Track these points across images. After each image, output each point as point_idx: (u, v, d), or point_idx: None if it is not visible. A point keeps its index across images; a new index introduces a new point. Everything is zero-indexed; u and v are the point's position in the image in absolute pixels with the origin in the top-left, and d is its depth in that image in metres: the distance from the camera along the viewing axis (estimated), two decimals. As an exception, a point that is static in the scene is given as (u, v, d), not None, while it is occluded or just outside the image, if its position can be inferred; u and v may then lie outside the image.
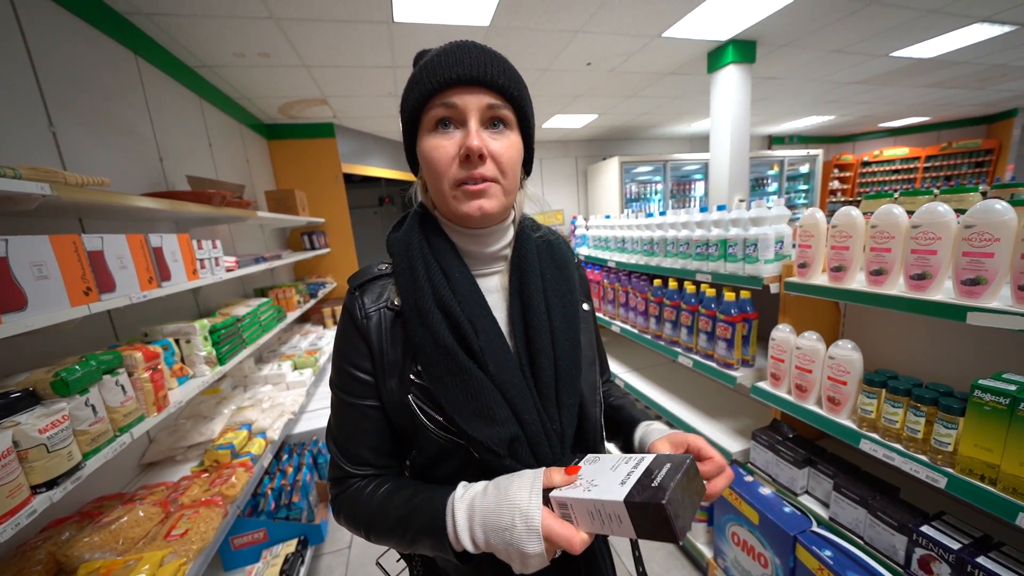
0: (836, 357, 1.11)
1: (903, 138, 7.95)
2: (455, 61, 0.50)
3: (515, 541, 0.43)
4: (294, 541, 1.65)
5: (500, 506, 0.45)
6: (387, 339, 0.57)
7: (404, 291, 0.56)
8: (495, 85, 0.52)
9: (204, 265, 1.67)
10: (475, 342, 0.53)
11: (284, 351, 2.91)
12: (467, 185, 0.52)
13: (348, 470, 0.58)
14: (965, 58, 3.94)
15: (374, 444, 0.59)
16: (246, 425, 1.80)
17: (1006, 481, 0.81)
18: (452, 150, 0.51)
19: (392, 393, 0.56)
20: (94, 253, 1.08)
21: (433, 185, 0.55)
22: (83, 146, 1.63)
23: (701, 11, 2.63)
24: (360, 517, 0.56)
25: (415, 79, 0.54)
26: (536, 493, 0.45)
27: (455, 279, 0.56)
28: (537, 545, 0.43)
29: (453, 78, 0.50)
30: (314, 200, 4.16)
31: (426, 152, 0.53)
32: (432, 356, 0.53)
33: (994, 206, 0.84)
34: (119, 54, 1.96)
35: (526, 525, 0.43)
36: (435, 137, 0.52)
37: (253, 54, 2.62)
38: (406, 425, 0.58)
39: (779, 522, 1.19)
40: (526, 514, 0.43)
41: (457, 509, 0.47)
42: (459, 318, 0.54)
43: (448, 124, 0.52)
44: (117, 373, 1.09)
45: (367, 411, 0.58)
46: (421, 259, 0.56)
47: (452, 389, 0.52)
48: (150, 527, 1.17)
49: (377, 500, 0.55)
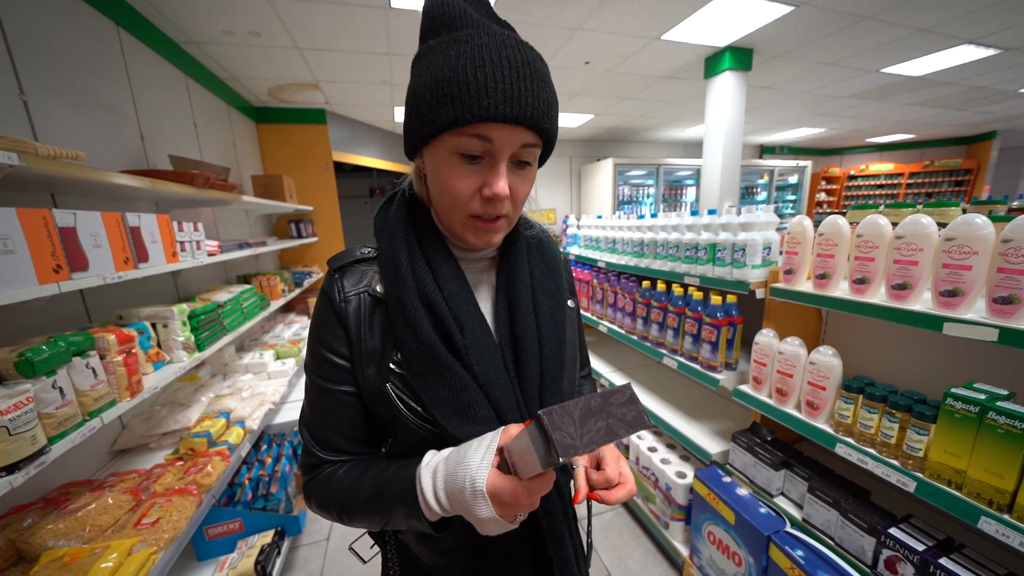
0: (817, 363, 1.13)
1: (888, 154, 8.18)
2: (502, 92, 0.43)
3: (467, 504, 0.43)
4: (271, 532, 1.62)
5: (456, 470, 0.44)
6: (366, 325, 0.55)
7: (387, 282, 0.54)
8: (537, 127, 0.46)
9: (185, 248, 1.62)
10: (459, 340, 0.52)
11: (267, 340, 2.85)
12: (481, 221, 0.50)
13: (321, 456, 0.57)
14: (950, 79, 4.06)
15: (348, 431, 0.57)
16: (224, 414, 1.75)
17: (971, 486, 0.83)
18: (475, 185, 0.48)
19: (370, 381, 0.55)
20: (66, 229, 1.03)
21: (444, 208, 0.52)
22: (58, 118, 1.55)
23: (701, 15, 2.65)
24: (333, 498, 0.54)
25: (447, 85, 0.43)
26: (489, 453, 0.44)
27: (443, 273, 0.54)
28: (485, 508, 0.42)
29: (495, 114, 0.43)
30: (303, 187, 4.07)
31: (443, 178, 0.48)
32: (414, 352, 0.52)
33: (974, 220, 0.86)
34: (99, 24, 1.87)
35: (472, 487, 0.42)
36: (458, 166, 0.47)
37: (243, 32, 2.54)
38: (383, 413, 0.56)
39: (754, 522, 1.22)
40: (473, 477, 0.42)
41: (423, 475, 0.48)
42: (444, 315, 0.52)
43: (476, 157, 0.47)
44: (88, 355, 1.05)
45: (342, 397, 0.56)
46: (406, 250, 0.54)
47: (433, 386, 0.51)
48: (119, 515, 1.13)
49: (349, 479, 0.54)
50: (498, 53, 0.44)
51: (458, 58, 0.44)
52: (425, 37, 0.50)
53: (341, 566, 1.78)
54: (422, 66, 0.47)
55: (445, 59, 0.44)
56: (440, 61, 0.45)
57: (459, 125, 0.44)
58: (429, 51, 0.47)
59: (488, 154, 0.47)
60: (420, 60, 0.48)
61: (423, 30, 0.50)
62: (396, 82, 3.57)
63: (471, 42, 0.45)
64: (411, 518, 0.48)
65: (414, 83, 0.48)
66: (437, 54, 0.46)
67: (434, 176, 0.51)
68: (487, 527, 0.43)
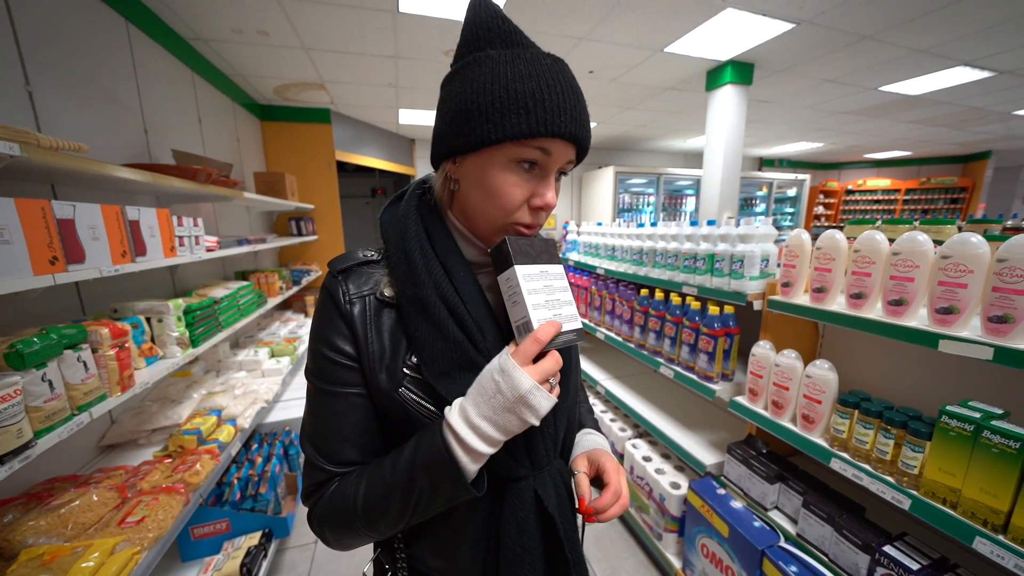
0: (813, 376, 1.13)
1: (886, 170, 8.27)
2: (570, 113, 0.47)
3: (507, 392, 0.44)
4: (258, 534, 1.60)
5: (480, 382, 0.46)
6: (372, 327, 0.53)
7: (401, 282, 0.53)
8: (582, 147, 0.51)
9: (183, 243, 1.61)
10: (481, 343, 0.52)
11: (262, 337, 2.83)
12: (523, 227, 0.52)
13: (329, 470, 0.52)
14: (947, 98, 4.13)
15: (358, 439, 0.54)
16: (216, 411, 1.74)
17: (966, 505, 0.83)
18: (526, 193, 0.50)
19: (380, 385, 0.53)
20: (64, 221, 1.02)
21: (485, 211, 0.52)
22: (62, 109, 1.55)
23: (704, 29, 2.68)
24: (350, 504, 0.50)
25: (522, 97, 0.46)
26: (505, 353, 0.47)
27: (459, 278, 0.53)
28: (524, 378, 0.44)
29: (564, 132, 0.47)
30: (305, 185, 4.08)
31: (498, 185, 0.49)
32: (439, 351, 0.50)
33: (970, 239, 0.87)
34: (108, 17, 1.88)
35: (503, 372, 0.44)
36: (515, 174, 0.49)
37: (252, 31, 2.56)
38: (395, 419, 0.54)
39: (748, 536, 1.21)
40: (500, 367, 0.45)
41: (451, 416, 0.47)
42: (465, 317, 0.51)
43: (532, 166, 0.49)
44: (80, 348, 1.04)
45: (352, 399, 0.53)
46: (419, 251, 0.53)
47: (462, 383, 0.50)
48: (104, 512, 1.11)
49: (364, 477, 0.51)
50: (562, 77, 0.48)
51: (529, 74, 0.46)
52: (477, 45, 0.51)
53: (330, 569, 1.76)
54: (481, 72, 0.48)
55: (515, 72, 0.46)
56: (510, 73, 0.46)
57: (532, 137, 0.46)
58: (489, 60, 0.48)
59: (542, 167, 0.50)
60: (478, 66, 0.48)
61: (473, 37, 0.51)
62: (401, 84, 3.59)
63: (538, 63, 0.48)
64: (445, 481, 0.46)
65: (471, 87, 0.48)
66: (502, 65, 0.47)
67: (481, 181, 0.50)
68: (534, 403, 0.44)
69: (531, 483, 0.55)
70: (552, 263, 0.49)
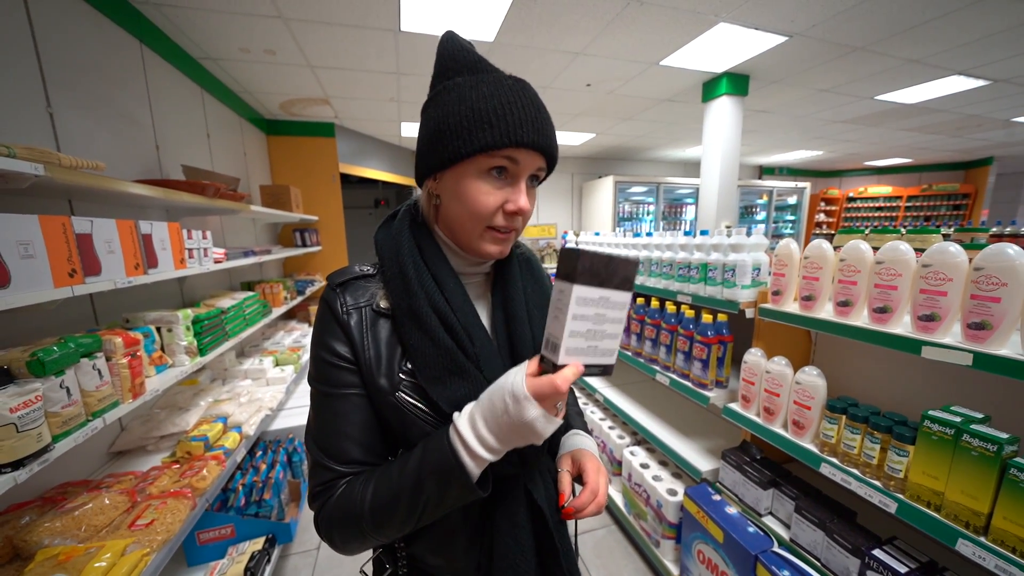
0: (802, 382, 1.16)
1: (887, 177, 8.28)
2: (531, 124, 0.52)
3: (515, 416, 0.46)
4: (261, 539, 1.63)
5: (492, 398, 0.48)
6: (368, 336, 0.57)
7: (396, 294, 0.57)
8: (549, 155, 0.56)
9: (192, 255, 1.67)
10: (470, 348, 0.56)
11: (267, 346, 2.88)
12: (498, 232, 0.57)
13: (336, 469, 0.55)
14: (944, 107, 4.16)
15: (361, 437, 0.57)
16: (222, 418, 1.78)
17: (949, 508, 0.85)
18: (499, 201, 0.54)
19: (380, 389, 0.56)
20: (82, 236, 1.08)
21: (463, 221, 0.56)
22: (80, 129, 1.63)
23: (698, 43, 2.75)
24: (358, 507, 0.52)
25: (486, 114, 0.51)
26: (520, 372, 0.48)
27: (449, 288, 0.58)
28: (533, 408, 0.46)
29: (527, 142, 0.52)
30: (309, 198, 4.16)
31: (472, 194, 0.54)
32: (431, 357, 0.55)
33: (948, 248, 0.90)
34: (124, 41, 1.97)
35: (514, 397, 0.46)
36: (486, 183, 0.54)
37: (259, 50, 2.66)
38: (393, 422, 0.58)
39: (742, 541, 1.22)
40: (512, 390, 0.47)
41: (460, 424, 0.49)
42: (454, 325, 0.56)
43: (502, 174, 0.54)
44: (95, 357, 1.08)
45: (354, 399, 0.57)
46: (412, 265, 0.57)
47: (452, 387, 0.54)
48: (115, 515, 1.15)
49: (372, 480, 0.54)
50: (523, 94, 0.54)
51: (491, 94, 0.52)
52: (446, 75, 0.57)
53: (332, 575, 1.78)
54: (451, 97, 0.54)
55: (479, 94, 0.52)
56: (475, 95, 0.52)
57: (497, 148, 0.52)
58: (456, 87, 0.54)
59: (511, 175, 0.55)
60: (448, 93, 0.54)
61: (443, 69, 0.57)
62: (404, 99, 3.69)
63: (500, 84, 0.54)
64: (453, 484, 0.49)
65: (442, 111, 0.53)
66: (468, 90, 0.53)
67: (457, 193, 0.55)
68: (539, 429, 0.47)
69: (521, 480, 0.60)
70: (620, 289, 0.47)
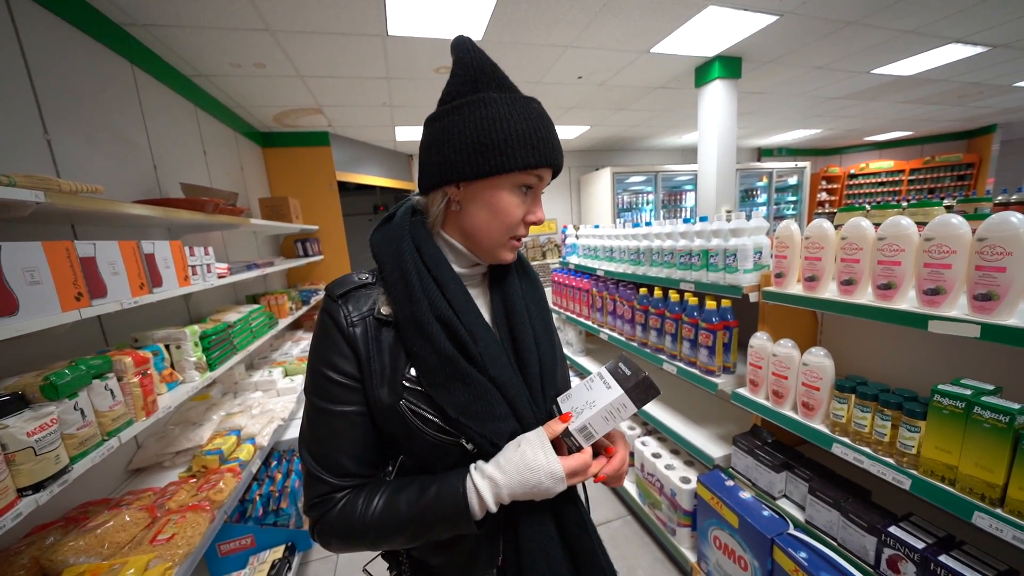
0: (809, 364, 1.15)
1: (888, 151, 8.16)
2: (556, 147, 0.60)
3: (546, 490, 0.55)
4: (281, 547, 1.65)
5: (524, 476, 0.54)
6: (374, 347, 0.58)
7: (398, 302, 0.58)
8: (558, 172, 0.63)
9: (196, 272, 1.69)
10: (474, 349, 0.57)
11: (275, 358, 2.91)
12: (515, 241, 0.63)
13: (332, 482, 0.57)
14: (943, 76, 4.09)
15: (357, 453, 0.58)
16: (235, 431, 1.80)
17: (963, 481, 0.84)
18: (523, 212, 0.61)
19: (382, 400, 0.57)
20: (86, 259, 1.10)
21: (491, 229, 0.60)
22: (77, 154, 1.65)
23: (688, 28, 2.72)
24: (364, 528, 0.55)
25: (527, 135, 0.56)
26: (550, 451, 0.55)
27: (450, 290, 0.59)
28: (562, 485, 0.55)
29: (554, 162, 0.59)
30: (308, 207, 4.18)
31: (505, 206, 0.59)
32: (433, 365, 0.56)
33: (950, 220, 0.89)
34: (116, 64, 1.99)
35: (552, 479, 0.54)
36: (516, 196, 0.60)
37: (249, 64, 2.67)
38: (396, 431, 0.59)
39: (757, 525, 1.22)
40: (550, 472, 0.54)
41: (481, 489, 0.54)
42: (457, 328, 0.57)
43: (528, 189, 0.60)
44: (107, 378, 1.10)
45: (353, 418, 0.58)
46: (414, 269, 0.58)
47: (455, 393, 0.56)
48: (136, 532, 1.17)
49: (379, 504, 0.55)
50: (547, 118, 0.60)
51: (527, 116, 0.57)
52: (477, 87, 0.58)
53: (351, 581, 1.80)
54: (489, 113, 0.56)
55: (519, 114, 0.57)
56: (515, 115, 0.57)
57: (535, 167, 0.58)
58: (493, 103, 0.57)
59: (534, 190, 0.61)
60: (485, 107, 0.56)
61: (471, 78, 0.58)
62: (395, 103, 3.69)
63: (529, 106, 0.59)
64: (460, 527, 0.55)
65: (482, 124, 0.56)
66: (506, 107, 0.57)
67: (490, 203, 0.59)
68: (555, 492, 0.55)
69: None
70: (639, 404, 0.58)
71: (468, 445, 0.58)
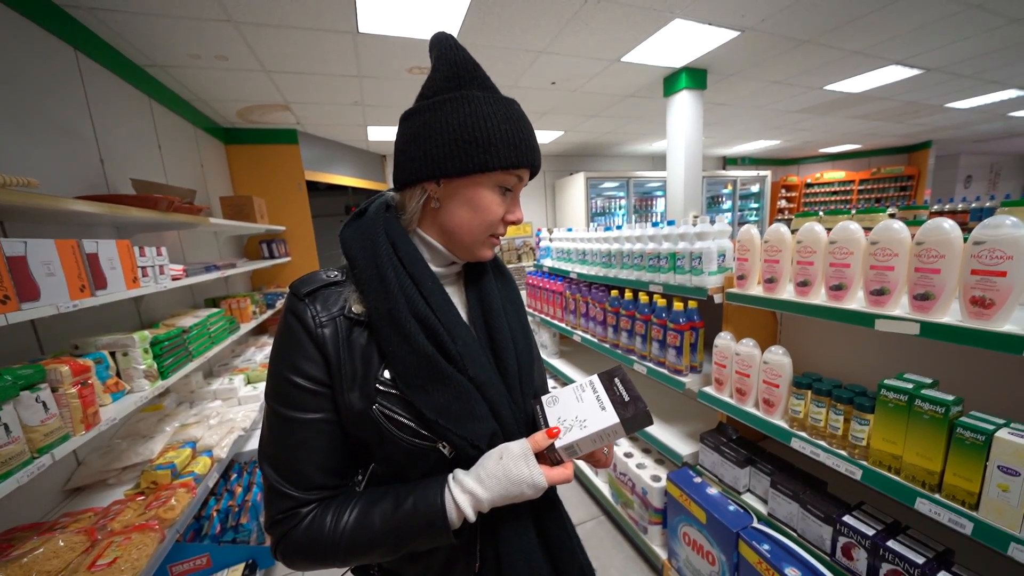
0: (769, 362, 1.20)
1: (840, 163, 8.75)
2: (535, 149, 0.60)
3: (527, 498, 0.54)
4: (241, 566, 1.55)
5: (507, 488, 0.52)
6: (344, 349, 0.54)
7: (373, 299, 0.54)
8: (536, 173, 0.63)
9: (147, 273, 1.58)
10: (453, 348, 0.55)
11: (237, 364, 2.76)
12: (494, 238, 0.63)
13: (297, 496, 0.52)
14: (885, 94, 4.43)
15: (325, 463, 0.54)
16: (190, 443, 1.69)
17: (907, 470, 0.90)
18: (503, 211, 0.61)
19: (352, 406, 0.54)
20: (15, 259, 1.00)
21: (472, 227, 0.59)
22: (10, 143, 1.51)
23: (656, 39, 2.82)
24: (334, 545, 0.51)
25: (509, 135, 0.56)
26: (533, 463, 0.53)
27: (428, 288, 0.57)
28: (542, 491, 0.54)
29: (532, 164, 0.60)
30: (275, 207, 4.02)
31: (486, 204, 0.58)
32: (410, 365, 0.53)
33: (892, 225, 0.96)
34: (54, 47, 1.84)
35: (534, 489, 0.53)
36: (498, 195, 0.59)
37: (209, 56, 2.54)
38: (367, 438, 0.55)
39: (724, 520, 1.26)
40: (533, 483, 0.53)
41: (461, 503, 0.52)
42: (436, 326, 0.55)
43: (507, 191, 0.60)
44: (38, 389, 1.01)
45: (320, 425, 0.54)
46: (390, 266, 0.55)
47: (434, 395, 0.53)
48: (71, 558, 1.07)
49: (351, 519, 0.52)
50: (527, 120, 0.60)
51: (510, 117, 0.57)
52: (460, 84, 0.57)
53: (317, 597, 1.72)
54: (473, 110, 0.55)
55: (502, 115, 0.56)
56: (498, 114, 0.56)
57: (517, 167, 0.57)
58: (477, 101, 0.56)
59: (513, 190, 0.61)
60: (468, 104, 0.56)
61: (453, 76, 0.57)
62: (367, 102, 3.61)
63: (511, 107, 0.58)
64: (437, 539, 0.53)
65: (465, 121, 0.55)
66: (489, 106, 0.56)
67: (471, 201, 0.58)
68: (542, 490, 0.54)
69: None
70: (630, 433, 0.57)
71: (445, 449, 0.55)
